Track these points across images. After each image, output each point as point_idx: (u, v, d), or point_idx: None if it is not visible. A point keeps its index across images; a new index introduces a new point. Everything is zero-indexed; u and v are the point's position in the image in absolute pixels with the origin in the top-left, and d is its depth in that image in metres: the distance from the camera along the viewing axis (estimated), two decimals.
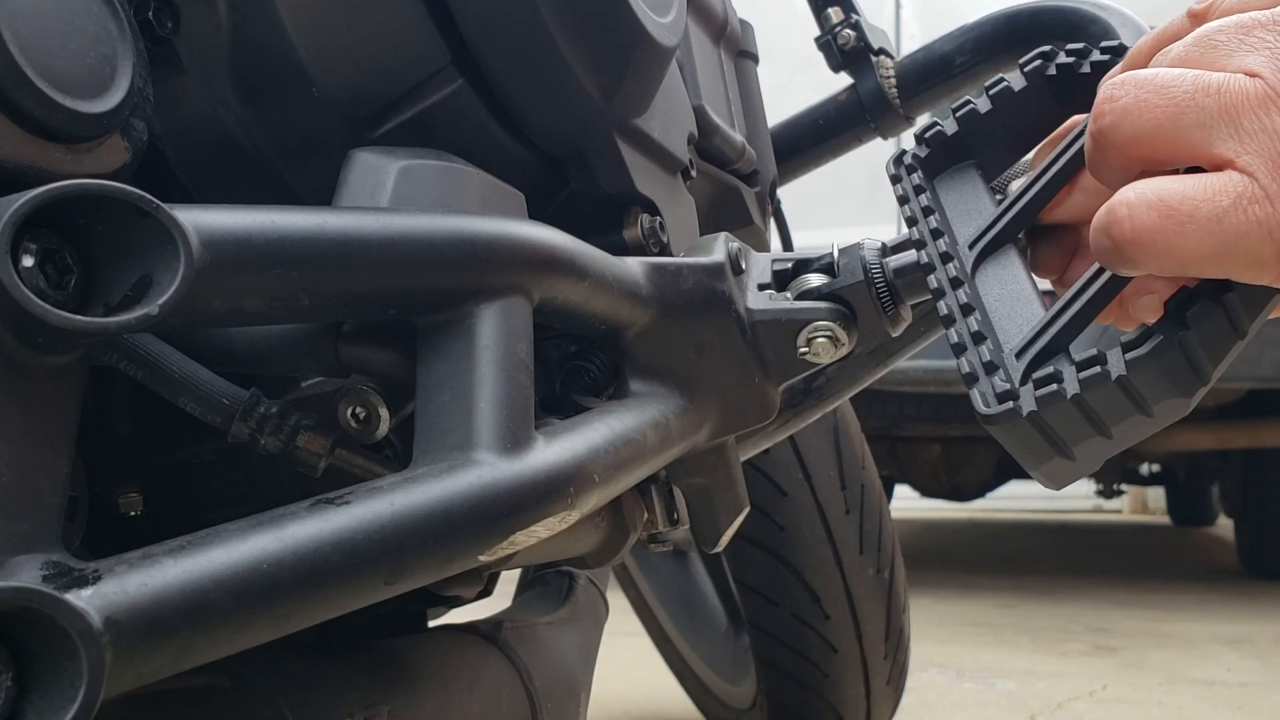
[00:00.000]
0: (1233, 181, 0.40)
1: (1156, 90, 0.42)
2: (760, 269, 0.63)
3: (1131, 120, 0.43)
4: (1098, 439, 0.45)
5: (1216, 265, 0.40)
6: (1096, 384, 0.43)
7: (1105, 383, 0.43)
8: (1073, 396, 0.43)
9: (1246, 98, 0.40)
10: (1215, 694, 2.13)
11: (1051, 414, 0.44)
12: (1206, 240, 0.40)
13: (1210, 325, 0.42)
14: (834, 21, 1.07)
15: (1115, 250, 0.42)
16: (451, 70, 0.57)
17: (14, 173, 0.40)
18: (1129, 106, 0.43)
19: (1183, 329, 0.42)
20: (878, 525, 1.46)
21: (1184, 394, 0.43)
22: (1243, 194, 0.39)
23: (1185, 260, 0.41)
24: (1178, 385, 0.43)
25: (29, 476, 0.35)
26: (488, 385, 0.46)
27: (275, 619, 0.37)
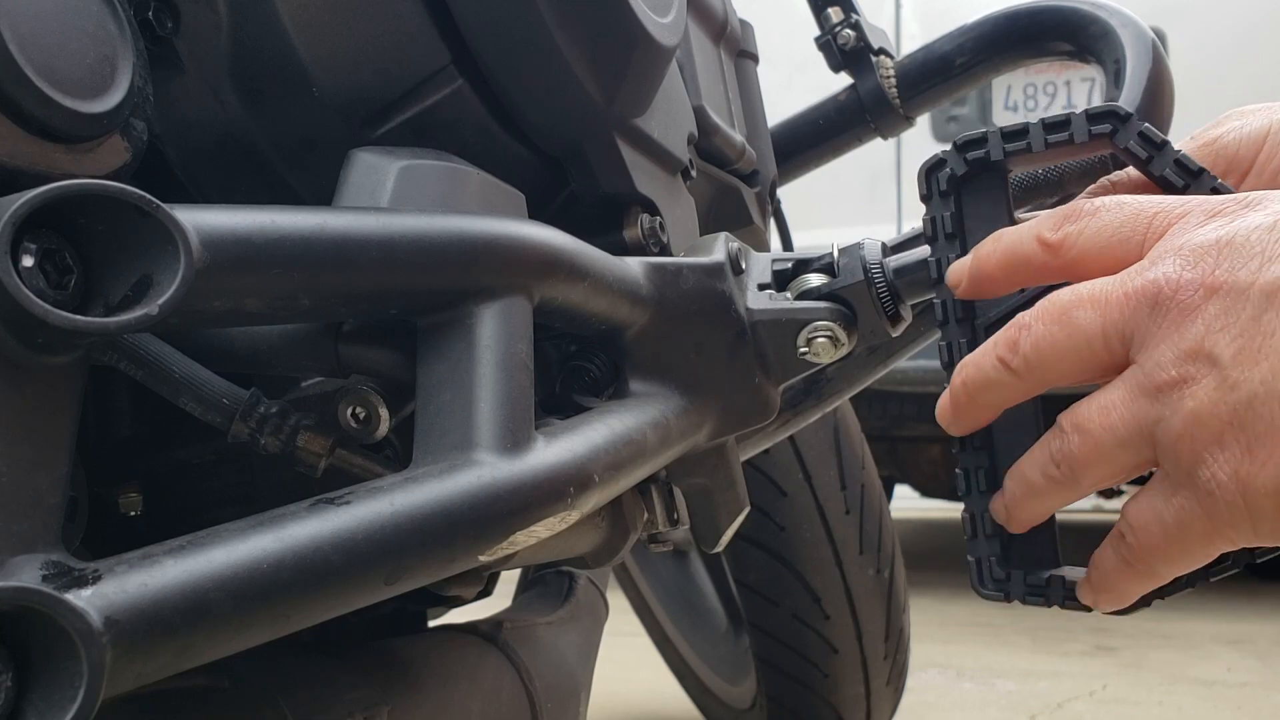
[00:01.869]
0: (1164, 488, 0.44)
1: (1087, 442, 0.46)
2: (760, 269, 0.63)
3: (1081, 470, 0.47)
4: None
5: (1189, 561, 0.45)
6: (1075, 608, 0.52)
7: (1085, 606, 0.51)
8: (1052, 606, 0.53)
9: (1137, 409, 0.44)
10: (1215, 694, 2.13)
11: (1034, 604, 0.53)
12: (1171, 549, 0.44)
13: (1177, 595, 0.51)
14: (834, 21, 1.07)
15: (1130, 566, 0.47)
16: (451, 70, 0.57)
17: (14, 173, 0.40)
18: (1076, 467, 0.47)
19: (1159, 599, 0.51)
20: (878, 525, 1.46)
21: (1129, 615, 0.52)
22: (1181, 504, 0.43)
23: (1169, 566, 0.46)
24: (1131, 614, 0.52)
25: (29, 476, 0.35)
26: (488, 385, 0.46)
27: (275, 619, 0.37)
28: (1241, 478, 0.40)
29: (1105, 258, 0.46)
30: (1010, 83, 3.06)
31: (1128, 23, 0.89)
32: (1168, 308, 0.42)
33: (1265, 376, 0.39)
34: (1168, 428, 0.42)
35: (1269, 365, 0.39)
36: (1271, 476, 0.40)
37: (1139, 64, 0.85)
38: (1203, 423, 0.41)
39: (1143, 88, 0.83)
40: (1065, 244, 0.47)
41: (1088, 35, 0.92)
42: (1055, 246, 0.47)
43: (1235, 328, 0.40)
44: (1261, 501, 0.40)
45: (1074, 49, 0.95)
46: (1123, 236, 0.46)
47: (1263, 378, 0.39)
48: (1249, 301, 0.40)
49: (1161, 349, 0.42)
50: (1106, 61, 0.89)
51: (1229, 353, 0.40)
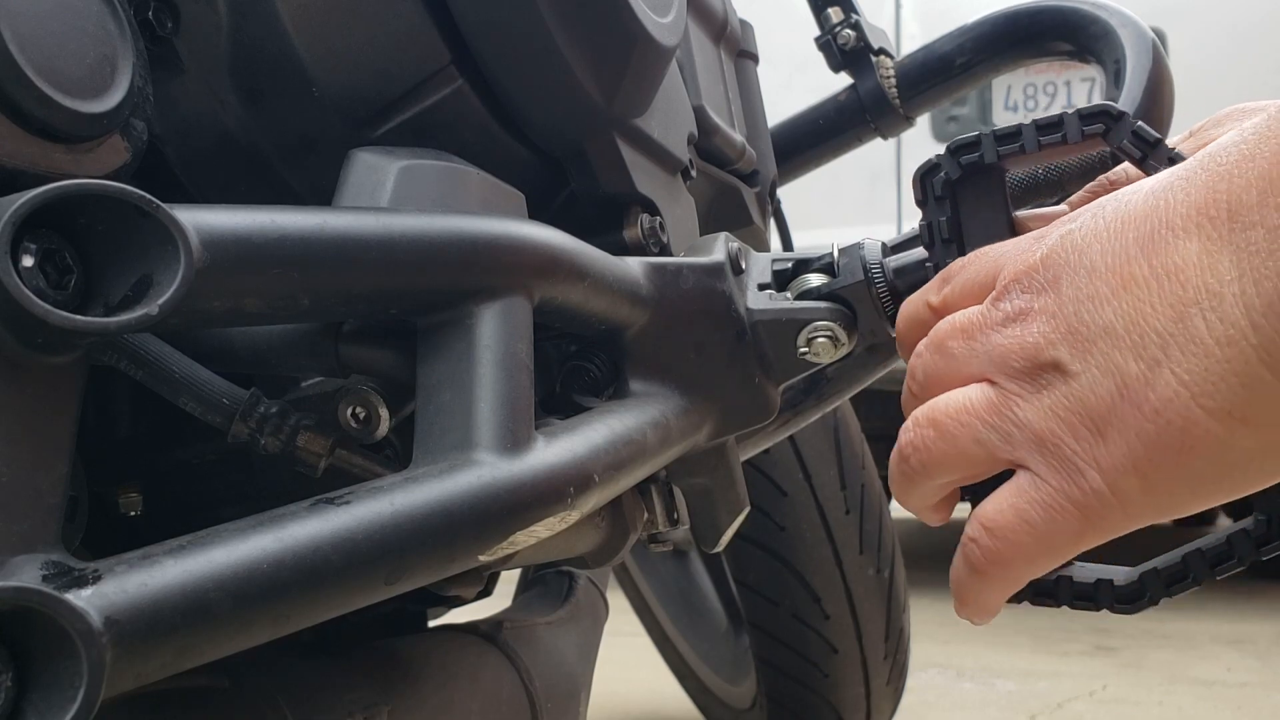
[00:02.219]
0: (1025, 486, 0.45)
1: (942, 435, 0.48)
2: (760, 269, 0.63)
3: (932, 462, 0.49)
4: None
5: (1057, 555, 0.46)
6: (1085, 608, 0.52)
7: (1092, 609, 0.52)
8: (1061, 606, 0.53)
9: (993, 406, 0.46)
10: (1215, 694, 2.13)
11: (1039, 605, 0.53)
12: (1036, 547, 0.45)
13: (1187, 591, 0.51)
14: (834, 21, 1.07)
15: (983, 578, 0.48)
16: (451, 70, 0.57)
17: (14, 173, 0.40)
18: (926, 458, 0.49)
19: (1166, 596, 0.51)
20: (878, 525, 1.46)
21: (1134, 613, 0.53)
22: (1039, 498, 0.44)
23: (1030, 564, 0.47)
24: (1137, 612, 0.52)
25: (29, 476, 0.35)
26: (488, 385, 0.46)
27: (275, 619, 0.37)
28: (1101, 464, 0.42)
29: (972, 303, 0.50)
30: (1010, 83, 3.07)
31: (1128, 23, 0.89)
32: (1011, 334, 0.46)
33: (1099, 360, 0.42)
34: (1024, 429, 0.45)
35: (1099, 350, 0.42)
36: (1123, 455, 0.41)
37: (1139, 64, 0.85)
38: (1056, 416, 0.43)
39: (1142, 88, 0.83)
40: (945, 304, 0.52)
41: (1088, 35, 0.92)
42: (937, 308, 0.52)
43: (1064, 330, 0.43)
44: (1123, 482, 0.42)
45: (1074, 49, 0.95)
46: (981, 281, 0.50)
47: (1097, 363, 0.42)
48: (1066, 305, 0.44)
49: (1012, 366, 0.45)
50: (1106, 61, 0.89)
51: (1067, 353, 0.43)
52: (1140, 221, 0.42)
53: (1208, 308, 0.39)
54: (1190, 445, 0.40)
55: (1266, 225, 0.37)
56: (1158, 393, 0.40)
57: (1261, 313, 0.37)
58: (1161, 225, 0.41)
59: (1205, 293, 0.39)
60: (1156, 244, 0.41)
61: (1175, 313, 0.40)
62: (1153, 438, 0.40)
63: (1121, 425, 0.41)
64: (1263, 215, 0.38)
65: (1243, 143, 0.40)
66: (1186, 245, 0.40)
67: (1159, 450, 0.40)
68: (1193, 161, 0.42)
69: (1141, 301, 0.41)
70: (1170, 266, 0.40)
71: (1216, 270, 0.39)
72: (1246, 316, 0.38)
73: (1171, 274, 0.40)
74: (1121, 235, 0.42)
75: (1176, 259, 0.40)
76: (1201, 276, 0.39)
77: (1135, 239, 0.42)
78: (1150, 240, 0.41)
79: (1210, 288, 0.39)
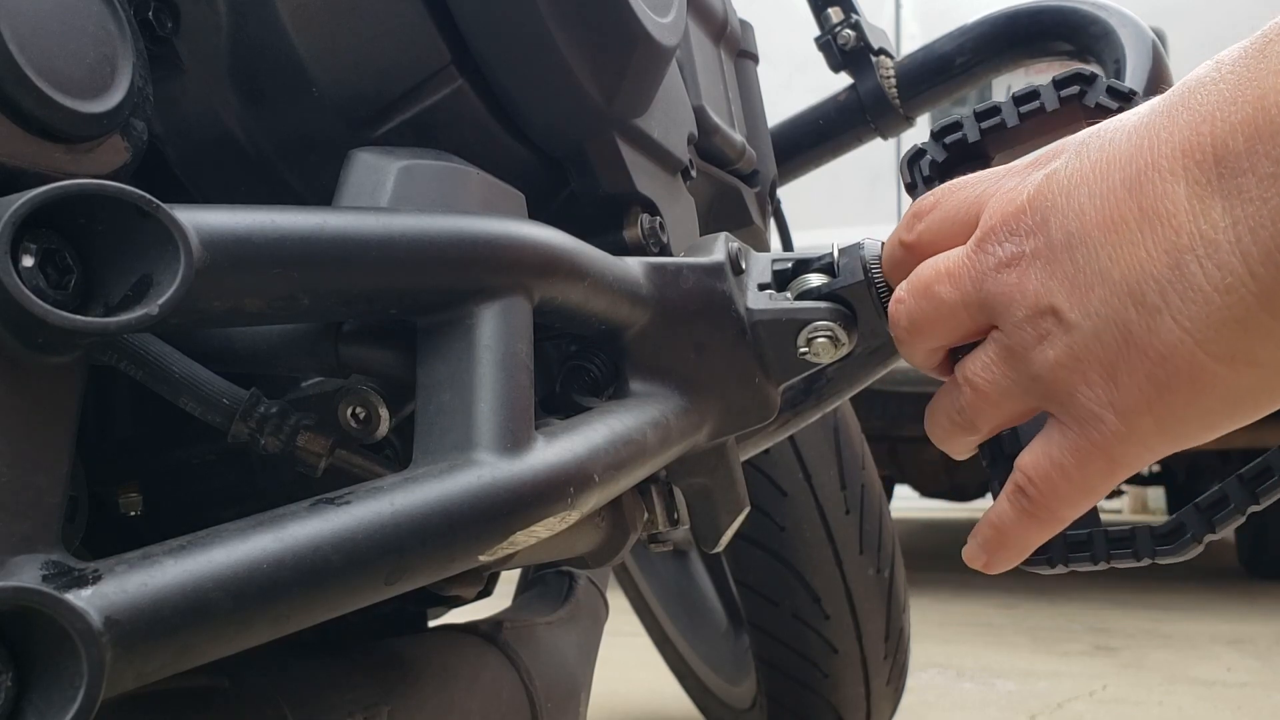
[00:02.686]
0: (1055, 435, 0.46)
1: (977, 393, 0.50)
2: (760, 269, 0.63)
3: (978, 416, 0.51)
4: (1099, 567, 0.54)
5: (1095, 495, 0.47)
6: (1123, 560, 0.52)
7: (1131, 559, 0.52)
8: (1100, 563, 0.53)
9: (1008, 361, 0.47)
10: (1215, 694, 2.13)
11: (1077, 566, 0.53)
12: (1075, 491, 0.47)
13: (1231, 525, 0.50)
14: (834, 21, 1.07)
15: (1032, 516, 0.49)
16: (451, 70, 0.57)
17: (14, 173, 0.40)
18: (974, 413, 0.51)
19: (1210, 531, 0.50)
20: (878, 525, 1.46)
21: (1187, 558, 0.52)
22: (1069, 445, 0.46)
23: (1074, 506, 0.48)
24: (1186, 556, 0.52)
25: (29, 476, 0.35)
26: (488, 385, 0.46)
27: (275, 619, 0.37)
28: (1116, 406, 0.43)
29: (952, 242, 0.50)
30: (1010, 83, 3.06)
31: (1128, 23, 0.89)
32: (1008, 281, 0.46)
33: (1098, 308, 0.43)
34: (1041, 382, 0.46)
35: (1098, 295, 0.42)
36: (1136, 398, 0.42)
37: (1139, 64, 0.85)
38: (1066, 367, 0.44)
39: (1143, 88, 0.83)
40: (919, 241, 0.52)
41: (1088, 35, 0.92)
42: (911, 245, 0.53)
43: (1059, 275, 0.44)
44: (1139, 422, 0.43)
45: (1074, 49, 0.95)
46: (958, 220, 0.50)
47: (1096, 309, 0.43)
48: (1059, 250, 0.44)
49: (1015, 316, 0.46)
50: (1106, 61, 0.89)
51: (1065, 300, 0.44)
52: (1126, 162, 0.42)
53: (1203, 255, 0.39)
54: (1198, 387, 0.41)
55: (1258, 173, 0.38)
56: (1161, 339, 0.41)
57: (1260, 261, 0.38)
58: (1148, 167, 0.41)
59: (1200, 239, 0.39)
60: (1144, 186, 0.41)
61: (1171, 259, 0.40)
62: (1162, 381, 0.41)
63: (1130, 370, 0.42)
64: (1253, 163, 0.38)
65: (1220, 81, 0.40)
66: (1175, 188, 0.40)
67: (1169, 392, 0.42)
68: (1172, 96, 0.42)
69: (1135, 246, 0.41)
70: (1160, 210, 0.41)
71: (1209, 217, 0.39)
72: (1244, 264, 0.38)
73: (1162, 218, 0.40)
74: (1108, 177, 0.43)
75: (1166, 203, 0.40)
76: (1195, 223, 0.40)
77: (1122, 180, 0.42)
78: (1137, 182, 0.41)
79: (1205, 235, 0.39)
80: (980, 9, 1.03)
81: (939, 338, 0.51)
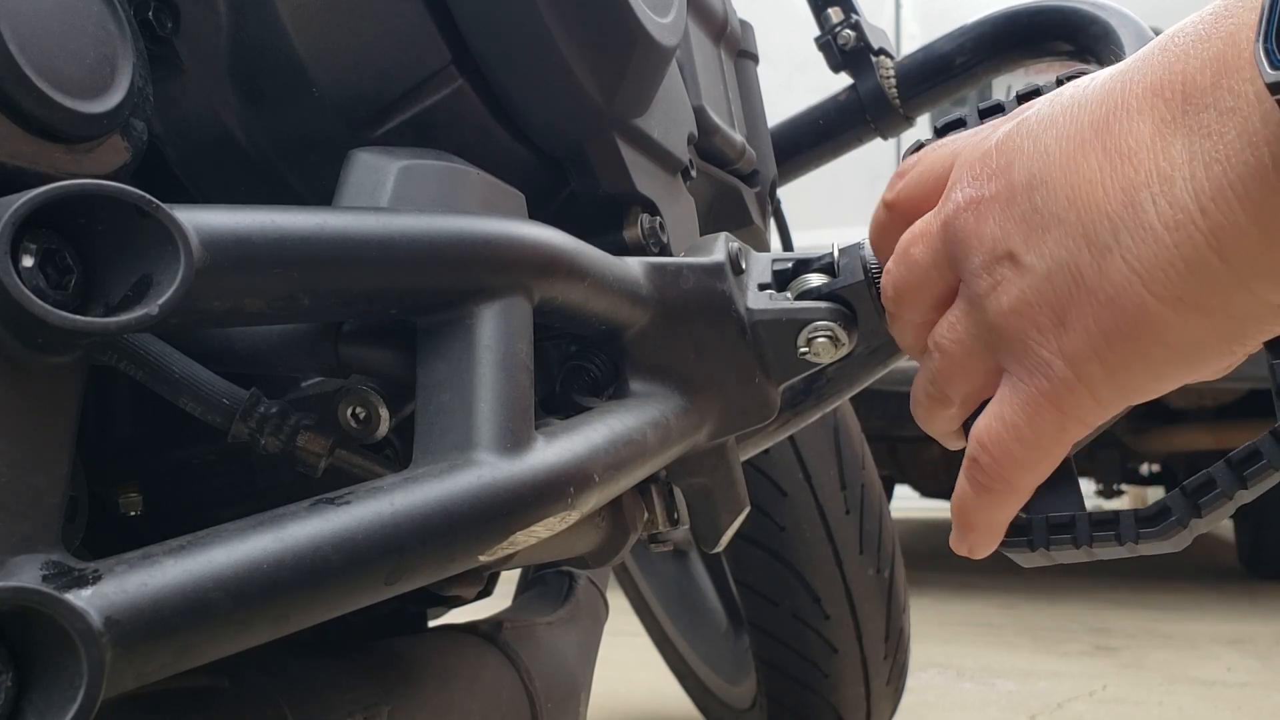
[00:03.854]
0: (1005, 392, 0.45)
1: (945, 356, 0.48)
2: (760, 269, 0.63)
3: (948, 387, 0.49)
4: (1081, 554, 0.51)
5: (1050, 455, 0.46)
6: (1106, 544, 0.49)
7: (1114, 544, 0.49)
8: (1082, 547, 0.49)
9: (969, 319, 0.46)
10: (1215, 694, 2.13)
11: (1058, 552, 0.50)
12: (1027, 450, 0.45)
13: (1218, 512, 0.47)
14: (834, 21, 1.07)
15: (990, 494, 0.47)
16: (451, 70, 0.57)
17: (14, 173, 0.40)
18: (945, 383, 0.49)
19: (1195, 516, 0.47)
20: (878, 525, 1.46)
21: (1175, 550, 0.49)
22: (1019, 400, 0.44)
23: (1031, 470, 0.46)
24: (1173, 546, 0.49)
25: (29, 476, 0.35)
26: (488, 385, 0.46)
27: (275, 619, 0.37)
28: (1065, 352, 0.42)
29: (930, 199, 0.49)
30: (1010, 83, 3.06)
31: (1127, 23, 0.89)
32: (966, 226, 0.45)
33: (1052, 250, 0.41)
34: (996, 331, 0.44)
35: (1053, 238, 0.41)
36: (1084, 343, 0.41)
37: None
38: (1019, 313, 0.43)
39: None
40: (898, 199, 0.52)
41: (1088, 35, 0.92)
42: (892, 204, 0.52)
43: (1017, 218, 0.43)
44: (1087, 369, 0.42)
45: (1074, 49, 0.95)
46: (935, 174, 0.49)
47: (1050, 252, 0.41)
48: (1019, 193, 0.43)
49: (973, 264, 0.45)
50: (1106, 61, 0.89)
51: (1021, 244, 0.43)
52: (1096, 105, 0.41)
53: (1158, 191, 0.38)
54: (1144, 332, 0.40)
55: (1219, 108, 0.36)
56: (1110, 280, 0.40)
57: (1210, 197, 0.36)
58: (1117, 107, 0.40)
59: (1156, 175, 0.38)
60: (1111, 125, 0.40)
61: (1126, 196, 0.39)
62: (1109, 326, 0.40)
63: (1080, 313, 0.41)
64: (1215, 98, 0.37)
65: (1200, 23, 0.39)
66: (1140, 126, 0.39)
67: (1116, 337, 0.40)
68: (1153, 43, 0.41)
69: (1093, 185, 0.40)
70: (1123, 148, 0.39)
71: (1169, 153, 0.38)
72: (1195, 201, 0.37)
73: (1125, 156, 0.39)
74: (1077, 119, 0.41)
75: (1130, 140, 0.39)
76: (1154, 159, 0.38)
77: (1090, 122, 0.41)
78: (1105, 122, 0.40)
79: (1162, 171, 0.38)
80: (980, 9, 1.03)
81: (920, 305, 0.50)
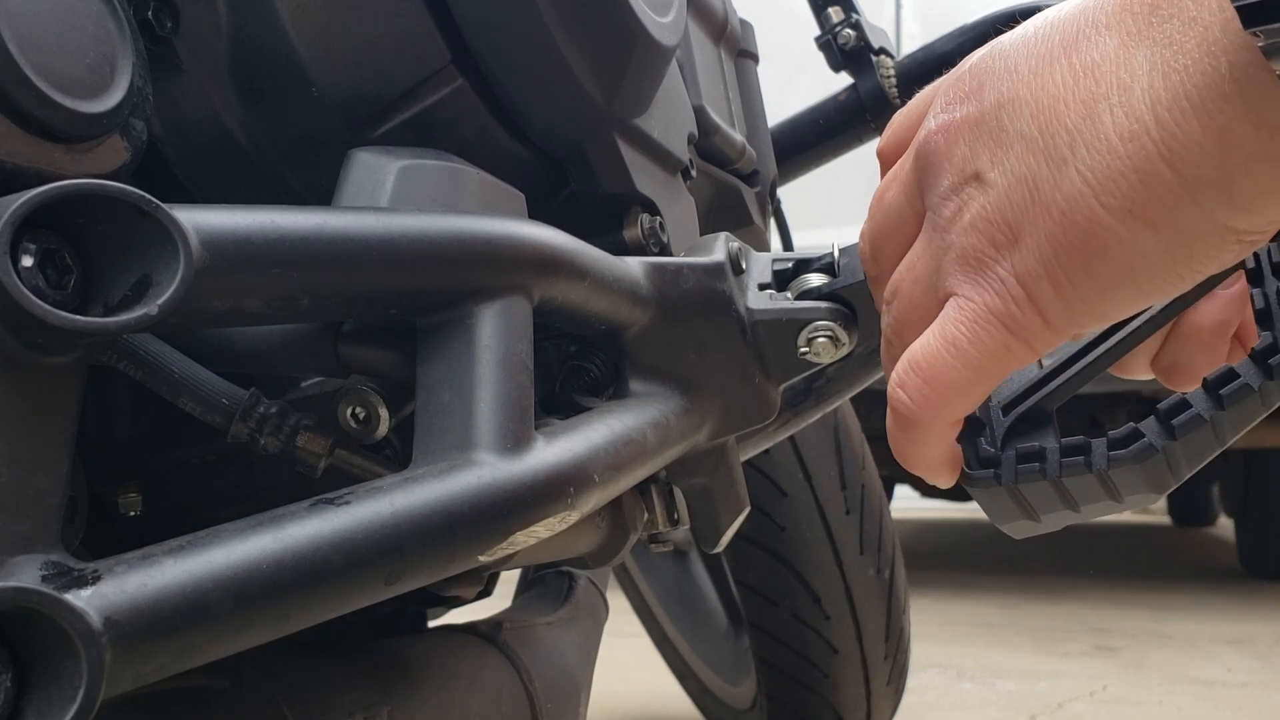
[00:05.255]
0: (949, 311, 0.43)
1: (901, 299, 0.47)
2: (760, 269, 0.63)
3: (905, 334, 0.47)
4: (1066, 512, 0.47)
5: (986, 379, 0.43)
6: (1076, 471, 0.45)
7: (1085, 473, 0.45)
8: (1052, 479, 0.46)
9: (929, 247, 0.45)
10: (1215, 694, 2.13)
11: (1029, 489, 0.46)
12: (965, 370, 0.43)
13: (1196, 437, 0.44)
14: (834, 21, 1.07)
15: (912, 425, 0.45)
16: (451, 70, 0.57)
17: (14, 173, 0.40)
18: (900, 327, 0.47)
19: (1169, 439, 0.44)
20: (878, 525, 1.46)
21: (1156, 490, 0.46)
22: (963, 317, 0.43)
23: (961, 394, 0.44)
24: (1152, 483, 0.45)
25: (29, 476, 0.35)
26: (488, 385, 0.46)
27: (275, 619, 0.37)
28: (1016, 269, 0.41)
29: (906, 143, 0.49)
30: None
31: None
32: (937, 149, 0.44)
33: (1013, 166, 0.41)
34: (952, 251, 0.43)
35: (1014, 154, 0.41)
36: (1035, 259, 0.41)
37: None
38: (977, 229, 0.42)
39: None
40: (886, 147, 0.52)
41: None
42: (881, 153, 0.52)
43: (985, 138, 0.42)
44: (1036, 287, 0.41)
45: None
46: (916, 112, 0.49)
47: (1012, 168, 0.41)
48: (988, 113, 0.42)
49: (941, 188, 0.44)
50: None
51: (987, 163, 0.42)
52: (1068, 23, 0.41)
53: (1116, 103, 0.38)
54: (1093, 246, 0.39)
55: (1183, 17, 0.36)
56: (1064, 192, 0.39)
57: (1166, 106, 0.36)
58: (1087, 24, 0.40)
59: (1117, 87, 0.38)
60: (1079, 43, 0.40)
61: (1087, 109, 0.39)
62: (1059, 239, 0.40)
63: (1033, 229, 0.40)
64: (1180, 7, 0.36)
65: None
66: (1106, 41, 0.39)
67: (1065, 252, 0.40)
68: None
69: (1057, 100, 0.40)
70: (1089, 63, 0.39)
71: (1130, 65, 0.38)
72: (1151, 111, 0.37)
73: (1089, 70, 0.39)
74: (1048, 39, 0.41)
75: (1095, 55, 0.39)
76: (1116, 72, 0.38)
77: (1060, 41, 0.41)
78: (1074, 40, 0.40)
79: (1122, 82, 0.38)
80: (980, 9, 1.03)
81: (897, 256, 0.48)
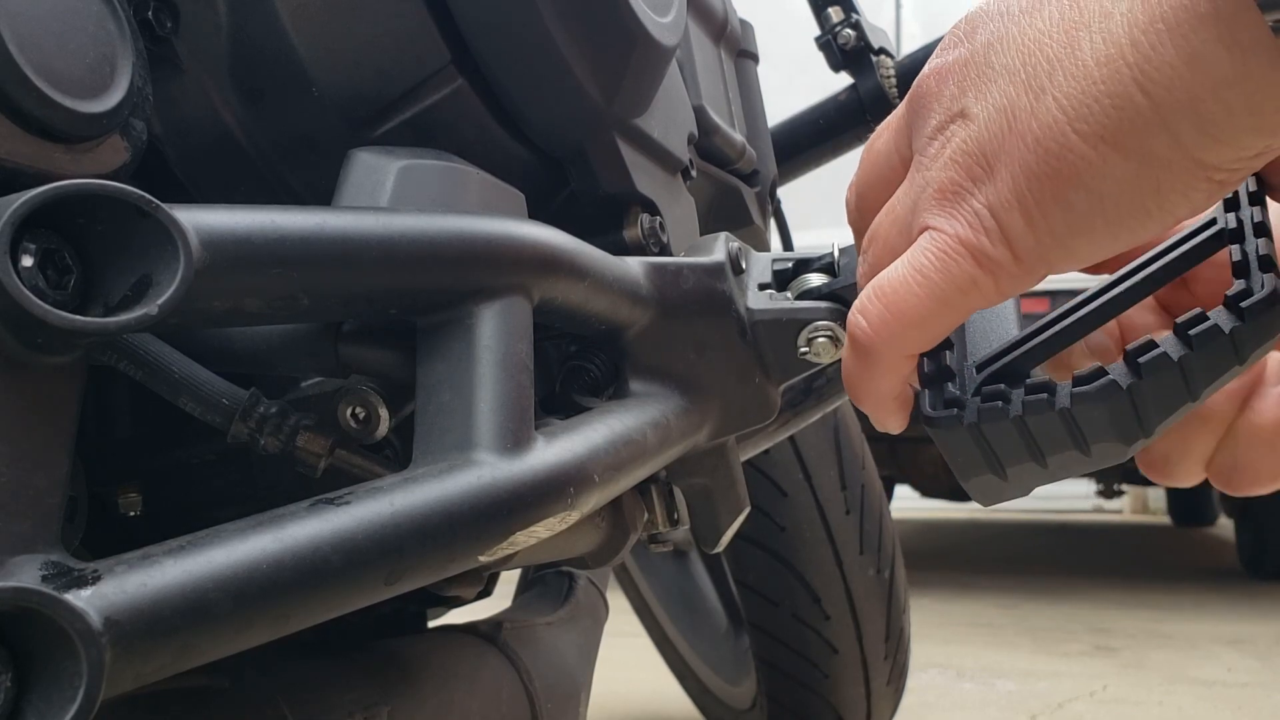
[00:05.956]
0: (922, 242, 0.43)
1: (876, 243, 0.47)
2: (760, 269, 0.63)
3: None
4: (1032, 465, 0.46)
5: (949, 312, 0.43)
6: (1039, 409, 0.44)
7: (1047, 411, 0.44)
8: (1014, 417, 0.44)
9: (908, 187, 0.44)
10: (1215, 694, 2.13)
11: (991, 429, 0.45)
12: (929, 300, 0.43)
13: (1163, 379, 0.43)
14: (834, 21, 1.07)
15: (867, 352, 0.45)
16: (451, 70, 0.57)
17: (14, 173, 0.40)
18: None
19: (1135, 377, 0.43)
20: (878, 525, 1.46)
21: (1123, 440, 0.44)
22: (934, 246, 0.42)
23: (921, 325, 0.43)
24: (1119, 431, 0.44)
25: (29, 476, 0.35)
26: (488, 385, 0.46)
27: (275, 619, 0.37)
28: (989, 200, 0.41)
29: None
30: None
31: None
32: (928, 91, 0.45)
33: (995, 98, 0.41)
34: (930, 187, 0.43)
35: (997, 88, 0.41)
36: (1008, 189, 0.40)
37: None
38: (956, 162, 0.42)
39: None
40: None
41: None
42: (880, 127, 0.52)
43: (972, 76, 0.42)
44: (1007, 218, 0.41)
45: None
46: None
47: (994, 100, 0.41)
48: (979, 53, 0.43)
49: (928, 128, 0.44)
50: None
51: (972, 100, 0.42)
52: None
53: (1096, 30, 0.38)
54: (1064, 173, 0.39)
55: None
56: (1039, 119, 0.39)
57: (1143, 29, 0.37)
58: None
59: (1099, 14, 0.38)
60: None
61: (1068, 37, 0.39)
62: (1032, 167, 0.40)
63: (1008, 159, 0.40)
64: None
65: None
66: None
67: (1037, 180, 0.40)
68: None
69: (1042, 34, 0.40)
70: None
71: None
72: (1128, 34, 0.37)
73: (1076, 3, 0.39)
74: None
75: None
76: (1100, 1, 0.38)
77: None
78: None
79: (1104, 9, 0.38)
80: None
81: (878, 204, 0.48)
